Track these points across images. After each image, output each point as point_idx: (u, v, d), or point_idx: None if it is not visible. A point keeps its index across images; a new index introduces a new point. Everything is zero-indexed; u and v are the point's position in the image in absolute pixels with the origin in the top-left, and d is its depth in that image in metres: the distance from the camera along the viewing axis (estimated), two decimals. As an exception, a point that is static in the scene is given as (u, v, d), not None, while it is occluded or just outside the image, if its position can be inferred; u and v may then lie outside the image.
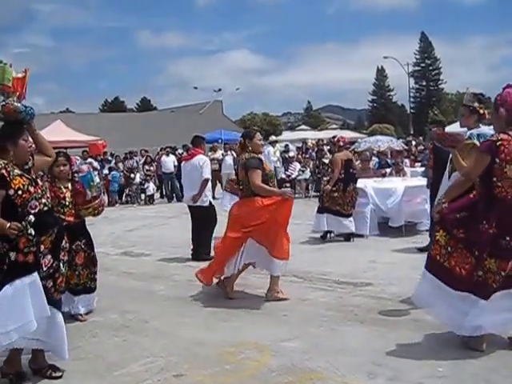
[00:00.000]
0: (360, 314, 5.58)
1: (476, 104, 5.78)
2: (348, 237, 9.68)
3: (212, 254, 7.80)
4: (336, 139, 10.28)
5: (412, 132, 38.99)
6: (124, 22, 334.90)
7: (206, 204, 8.79)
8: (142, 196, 20.14)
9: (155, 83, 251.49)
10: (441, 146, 5.69)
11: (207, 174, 8.68)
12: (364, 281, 6.82)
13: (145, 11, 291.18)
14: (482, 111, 5.77)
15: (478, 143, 5.35)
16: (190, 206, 8.93)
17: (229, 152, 18.89)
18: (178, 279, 7.60)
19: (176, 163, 19.58)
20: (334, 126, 53.78)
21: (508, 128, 4.43)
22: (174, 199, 19.62)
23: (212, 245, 8.16)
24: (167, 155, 19.92)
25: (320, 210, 9.73)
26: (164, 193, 20.65)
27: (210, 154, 18.94)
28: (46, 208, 4.14)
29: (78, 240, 5.64)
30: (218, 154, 19.84)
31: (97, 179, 5.87)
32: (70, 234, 4.82)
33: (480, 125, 5.75)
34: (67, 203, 5.58)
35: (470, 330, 4.42)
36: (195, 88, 61.42)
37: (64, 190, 5.63)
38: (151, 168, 20.45)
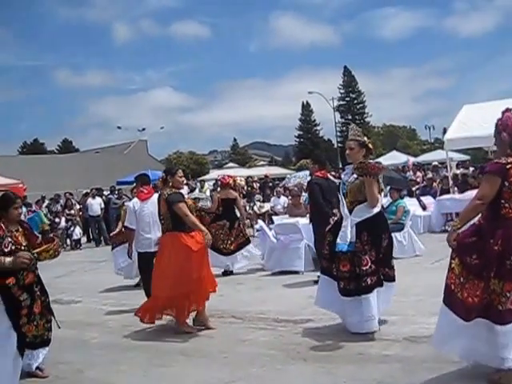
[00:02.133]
0: (303, 352, 5.47)
1: (365, 138, 5.98)
2: (225, 272, 10.33)
3: None
4: (221, 177, 11.10)
5: (341, 166, 39.65)
6: (42, 61, 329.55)
7: None
8: (68, 241, 19.52)
9: (76, 124, 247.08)
10: (359, 175, 5.76)
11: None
12: (304, 317, 6.70)
13: (63, 49, 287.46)
14: (370, 145, 5.98)
15: None
16: (147, 253, 7.65)
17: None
18: (111, 325, 7.33)
19: (103, 205, 19.14)
20: (262, 163, 54.35)
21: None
22: (102, 243, 19.12)
23: None
24: (93, 197, 19.45)
25: None
26: (91, 237, 20.07)
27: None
28: None
29: (35, 287, 5.17)
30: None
31: (45, 219, 5.57)
32: None
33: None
34: (23, 248, 5.08)
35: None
36: (119, 128, 60.29)
37: (17, 234, 5.17)
38: (72, 211, 19.80)
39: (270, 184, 21.61)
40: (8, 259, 3.87)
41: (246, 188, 20.65)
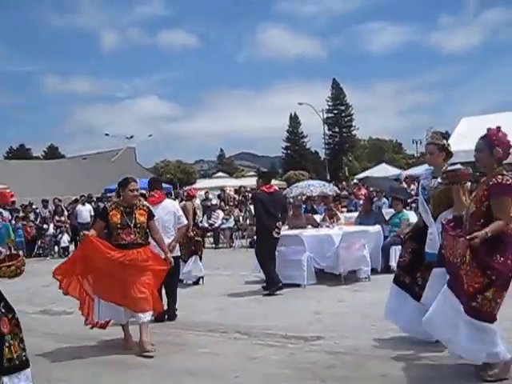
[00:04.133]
0: (319, 372, 5.12)
1: (444, 141, 5.72)
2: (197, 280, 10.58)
3: None
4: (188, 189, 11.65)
5: (329, 178, 39.43)
6: (30, 67, 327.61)
7: (179, 253, 7.95)
8: (56, 248, 18.98)
9: (62, 130, 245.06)
10: (447, 184, 5.44)
11: (186, 220, 7.93)
12: (314, 334, 6.36)
13: (52, 56, 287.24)
14: (450, 148, 5.73)
15: None
16: None
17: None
18: (108, 340, 6.89)
19: (92, 213, 18.66)
20: (252, 173, 53.55)
21: (498, 168, 4.44)
22: (90, 251, 18.63)
23: None
24: (83, 204, 18.95)
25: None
26: (79, 244, 19.54)
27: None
28: None
29: None
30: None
31: (12, 234, 5.03)
32: None
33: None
34: None
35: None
36: (107, 135, 59.26)
37: None
38: (62, 218, 19.25)
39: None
40: None
41: (238, 198, 20.31)
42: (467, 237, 4.32)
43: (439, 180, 5.58)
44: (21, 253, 5.68)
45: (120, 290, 6.18)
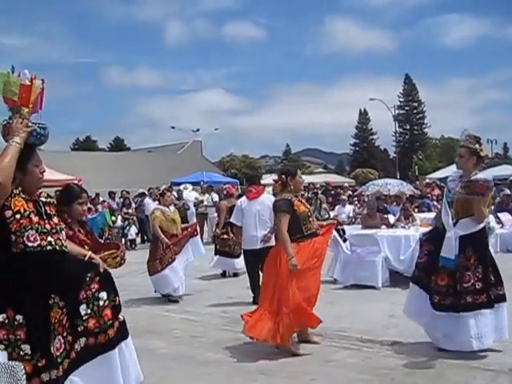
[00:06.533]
0: (398, 379, 4.92)
1: (477, 146, 5.54)
2: (235, 274, 11.15)
3: None
4: (227, 187, 12.00)
5: (398, 177, 38.42)
6: (95, 58, 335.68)
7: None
8: (123, 240, 19.18)
9: (126, 122, 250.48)
10: (466, 194, 5.35)
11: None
12: (390, 339, 6.13)
13: (117, 47, 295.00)
14: (482, 153, 5.56)
15: None
16: (253, 250, 8.11)
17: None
18: (179, 335, 6.87)
19: (160, 206, 18.73)
20: (321, 170, 52.87)
21: None
22: (157, 244, 18.73)
23: None
24: (151, 197, 19.08)
25: (215, 252, 11.09)
26: (146, 238, 19.72)
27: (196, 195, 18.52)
28: (49, 247, 3.50)
29: None
30: (208, 196, 18.73)
31: (110, 221, 4.93)
32: None
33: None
34: (87, 249, 4.38)
35: None
36: (173, 127, 59.80)
37: (80, 235, 4.55)
38: (129, 211, 19.41)
39: (332, 192, 20.83)
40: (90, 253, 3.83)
41: (307, 195, 20.04)
42: None
43: (458, 188, 5.48)
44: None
45: None
